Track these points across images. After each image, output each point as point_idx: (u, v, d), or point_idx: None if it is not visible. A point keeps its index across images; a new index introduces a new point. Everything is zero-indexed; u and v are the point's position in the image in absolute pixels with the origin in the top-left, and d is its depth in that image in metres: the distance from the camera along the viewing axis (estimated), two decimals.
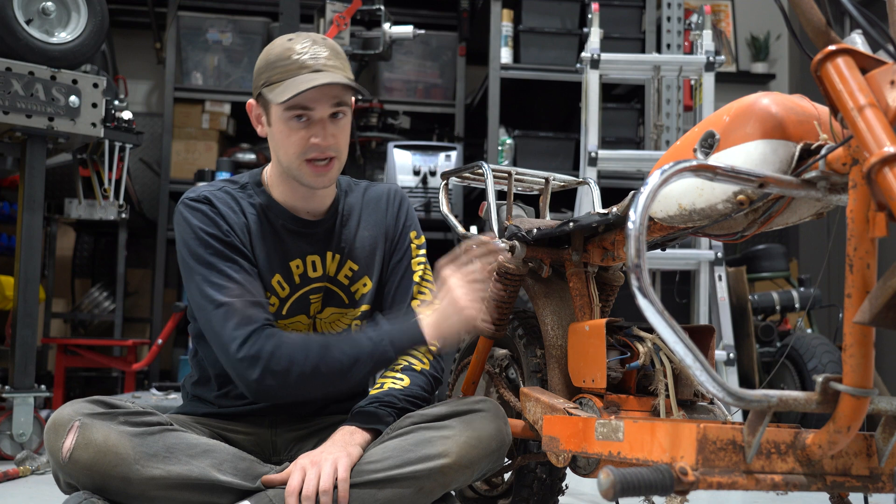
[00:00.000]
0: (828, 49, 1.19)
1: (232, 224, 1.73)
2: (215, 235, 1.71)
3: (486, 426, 1.64)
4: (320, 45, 1.70)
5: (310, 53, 1.68)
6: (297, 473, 1.57)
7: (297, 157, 1.69)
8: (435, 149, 4.59)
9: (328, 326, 1.83)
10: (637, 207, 1.16)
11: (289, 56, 1.67)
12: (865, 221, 1.13)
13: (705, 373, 1.13)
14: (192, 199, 1.74)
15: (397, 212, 1.90)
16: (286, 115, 1.67)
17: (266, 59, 1.71)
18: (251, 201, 1.78)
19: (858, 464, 1.23)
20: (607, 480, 1.06)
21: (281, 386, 1.60)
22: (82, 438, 1.53)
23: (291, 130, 1.68)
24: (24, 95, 2.95)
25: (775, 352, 4.04)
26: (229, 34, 5.31)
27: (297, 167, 1.70)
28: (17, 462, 2.75)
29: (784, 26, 5.83)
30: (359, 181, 1.93)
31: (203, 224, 1.71)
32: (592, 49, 3.75)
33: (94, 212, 4.20)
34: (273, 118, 1.70)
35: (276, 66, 1.68)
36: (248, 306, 1.65)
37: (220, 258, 1.69)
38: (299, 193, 1.78)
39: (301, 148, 1.68)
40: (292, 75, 1.66)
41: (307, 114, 1.67)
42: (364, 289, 1.85)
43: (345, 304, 1.83)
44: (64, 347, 4.45)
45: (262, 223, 1.77)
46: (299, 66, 1.66)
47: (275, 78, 1.67)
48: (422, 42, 5.26)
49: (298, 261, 1.79)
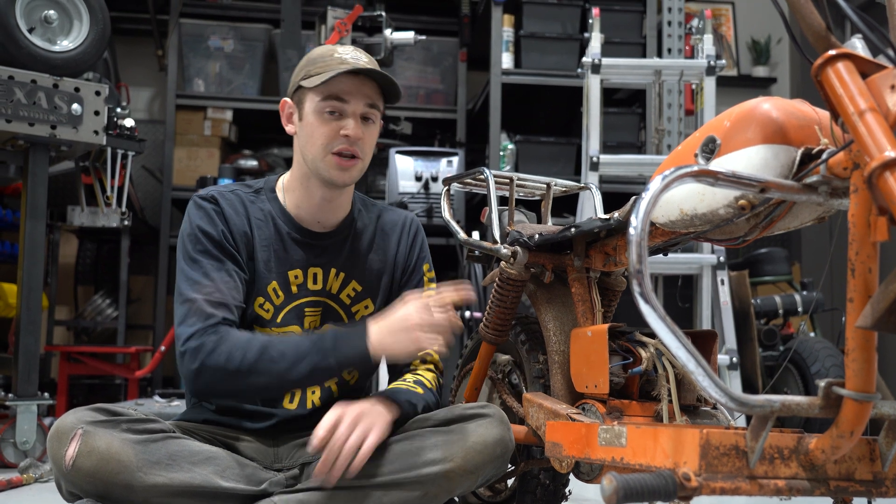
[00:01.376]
0: (828, 53, 1.19)
1: (231, 225, 1.76)
2: (209, 234, 1.74)
3: (491, 432, 1.64)
4: (361, 52, 1.79)
5: (351, 55, 1.76)
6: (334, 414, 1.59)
7: (323, 148, 1.74)
8: (437, 154, 4.59)
9: None
10: (639, 213, 1.16)
11: (331, 54, 1.76)
12: (867, 225, 1.13)
13: (708, 378, 1.13)
14: (200, 197, 1.79)
15: (412, 242, 1.93)
16: (320, 107, 1.73)
17: (308, 58, 1.78)
18: (261, 206, 1.81)
19: (862, 468, 1.23)
20: (610, 486, 1.06)
21: (216, 381, 1.62)
22: (85, 446, 1.53)
23: (323, 122, 1.74)
24: (26, 104, 2.95)
25: (778, 356, 4.03)
26: (231, 41, 5.32)
27: (322, 158, 1.74)
28: (21, 470, 2.75)
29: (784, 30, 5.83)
30: (374, 202, 1.95)
31: (201, 221, 1.75)
32: (593, 54, 3.76)
33: (96, 219, 4.20)
34: (306, 111, 1.76)
35: (316, 62, 1.76)
36: (211, 305, 1.67)
37: (206, 256, 1.72)
38: (315, 199, 1.79)
39: (330, 139, 1.73)
40: (332, 68, 1.72)
41: (341, 107, 1.73)
42: (365, 311, 1.85)
43: (343, 324, 1.83)
44: (67, 355, 4.45)
45: (268, 229, 1.79)
46: (339, 61, 1.74)
47: (314, 71, 1.74)
48: (423, 48, 5.26)
49: (298, 271, 1.80)
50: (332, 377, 1.69)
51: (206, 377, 1.62)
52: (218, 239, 1.73)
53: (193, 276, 1.70)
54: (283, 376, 1.61)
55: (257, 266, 1.77)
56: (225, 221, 1.76)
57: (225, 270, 1.72)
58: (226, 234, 1.74)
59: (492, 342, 1.99)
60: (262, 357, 1.61)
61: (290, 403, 1.81)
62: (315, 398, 1.83)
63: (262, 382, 1.61)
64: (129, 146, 3.56)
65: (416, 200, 4.44)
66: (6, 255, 4.31)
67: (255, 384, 1.62)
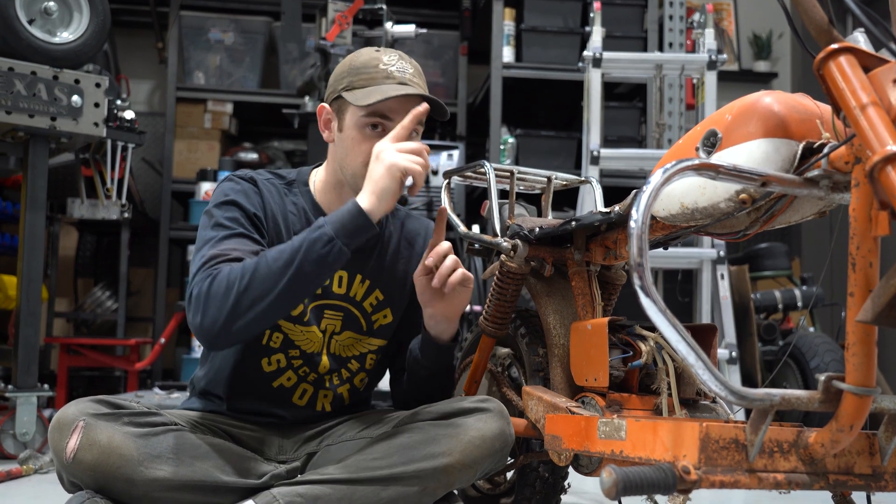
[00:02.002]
0: (830, 48, 1.18)
1: (267, 207, 1.71)
2: (242, 207, 1.68)
3: (490, 426, 1.64)
4: (407, 61, 1.71)
5: (397, 66, 1.68)
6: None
7: (363, 166, 1.65)
8: (437, 148, 4.59)
9: (341, 349, 1.81)
10: (639, 206, 1.16)
11: (376, 65, 1.67)
12: (868, 220, 1.13)
13: (707, 371, 1.13)
14: (238, 175, 1.74)
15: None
16: (362, 122, 1.67)
17: (350, 65, 1.70)
18: (295, 200, 1.77)
19: (861, 462, 1.23)
20: (610, 479, 1.06)
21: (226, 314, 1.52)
22: (86, 439, 1.53)
23: (365, 138, 1.67)
24: (26, 95, 2.95)
25: (778, 350, 4.03)
26: (231, 34, 5.31)
27: (362, 175, 1.64)
28: (21, 461, 2.75)
29: (786, 24, 5.82)
30: (399, 207, 1.90)
31: (236, 196, 1.69)
32: (594, 48, 3.75)
33: (96, 211, 4.20)
34: (347, 123, 1.69)
35: (360, 71, 1.67)
36: (226, 261, 1.58)
37: (234, 222, 1.65)
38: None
39: (370, 156, 1.63)
40: (378, 83, 1.65)
41: (384, 123, 1.66)
42: (384, 320, 1.84)
43: (362, 331, 1.82)
44: (67, 347, 4.45)
45: (301, 223, 1.75)
46: (385, 75, 1.66)
47: (358, 83, 1.67)
48: (424, 41, 5.26)
49: None
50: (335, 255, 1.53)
51: (212, 314, 1.53)
52: (251, 214, 1.68)
53: (216, 236, 1.62)
54: (286, 267, 1.51)
55: None
56: (262, 202, 1.70)
57: (251, 238, 1.65)
58: (258, 214, 1.69)
59: (491, 335, 1.99)
60: (260, 263, 1.52)
61: (300, 400, 1.80)
62: (326, 403, 1.83)
63: (268, 285, 1.51)
64: (130, 138, 3.56)
65: (417, 194, 4.44)
66: (6, 246, 4.31)
67: (261, 294, 1.51)
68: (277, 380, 1.79)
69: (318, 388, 1.81)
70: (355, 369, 1.83)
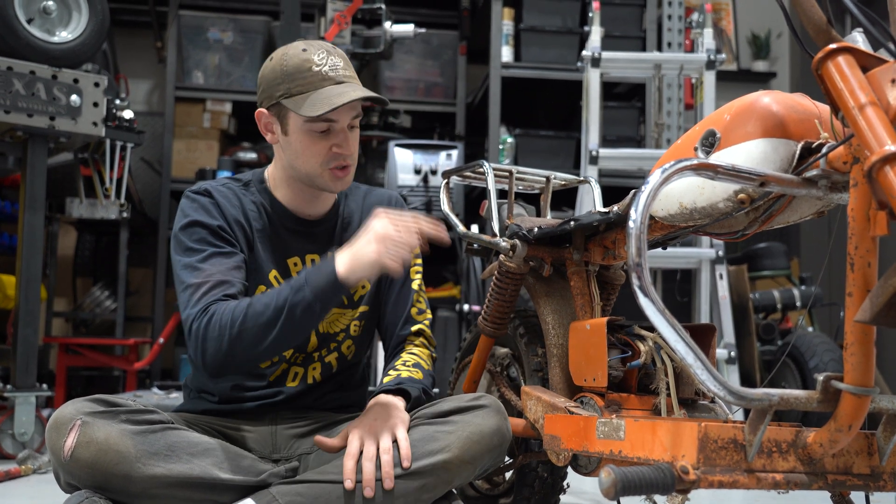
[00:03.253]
0: (829, 47, 1.19)
1: (227, 215, 1.76)
2: (205, 224, 1.73)
3: (488, 422, 1.64)
4: (334, 54, 1.74)
5: (328, 65, 1.71)
6: (355, 441, 1.59)
7: (319, 166, 1.73)
8: (436, 147, 4.59)
9: (328, 326, 1.85)
10: (638, 206, 1.16)
11: (309, 67, 1.70)
12: (866, 220, 1.13)
13: (706, 371, 1.13)
14: (192, 191, 1.78)
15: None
16: (308, 127, 1.70)
17: (282, 70, 1.71)
18: (253, 199, 1.82)
19: (860, 462, 1.23)
20: (608, 479, 1.06)
21: (221, 356, 1.60)
22: (84, 437, 1.53)
23: (313, 141, 1.72)
24: (25, 95, 2.95)
25: (776, 350, 4.03)
26: (230, 33, 5.31)
27: (319, 174, 1.74)
28: (19, 461, 2.75)
29: (785, 24, 5.82)
30: (359, 185, 1.95)
31: (196, 214, 1.74)
32: (593, 47, 3.75)
33: (95, 211, 4.19)
34: (292, 128, 1.73)
35: (295, 77, 1.70)
36: (212, 287, 1.65)
37: (203, 244, 1.71)
38: (303, 196, 1.82)
39: (324, 157, 1.72)
40: (316, 87, 1.69)
41: (329, 125, 1.70)
42: (363, 290, 1.88)
43: (344, 305, 1.86)
44: (65, 346, 4.45)
45: (263, 220, 1.80)
46: (321, 77, 1.69)
47: (296, 90, 1.69)
48: (422, 41, 5.26)
49: (297, 258, 1.82)
50: (317, 315, 1.60)
51: (210, 356, 1.60)
52: (215, 228, 1.73)
53: (192, 262, 1.69)
54: (272, 325, 1.58)
55: (257, 255, 1.78)
56: (221, 213, 1.75)
57: (223, 254, 1.71)
58: (222, 226, 1.74)
59: (490, 335, 1.99)
60: (248, 314, 1.59)
61: (292, 381, 1.83)
62: (316, 374, 1.85)
63: (258, 338, 1.59)
64: (128, 138, 3.56)
65: (416, 193, 4.44)
66: (5, 246, 4.30)
67: (252, 343, 1.59)
68: (273, 374, 1.82)
69: (306, 366, 1.84)
70: (342, 339, 1.87)
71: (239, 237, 1.76)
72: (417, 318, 1.90)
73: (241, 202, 1.79)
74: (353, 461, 1.57)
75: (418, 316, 1.90)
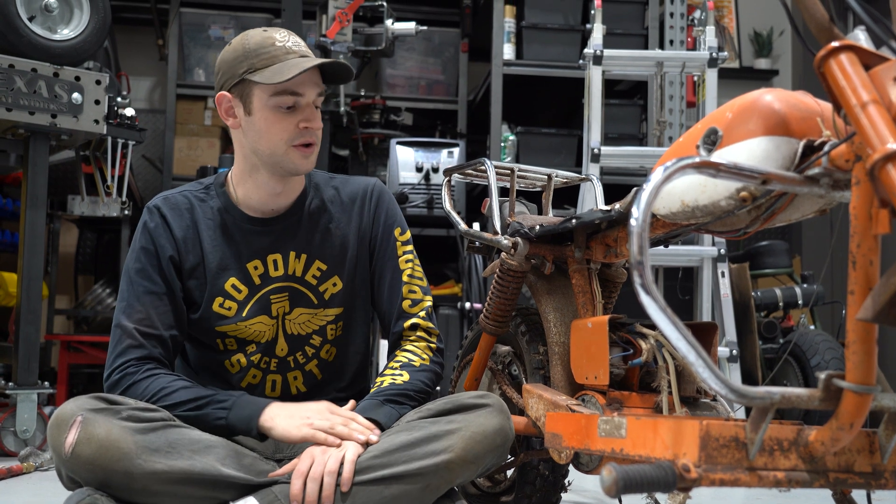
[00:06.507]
0: (831, 45, 1.18)
1: (176, 236, 1.77)
2: (147, 250, 1.76)
3: (491, 421, 1.64)
4: (295, 35, 1.76)
5: (291, 41, 1.73)
6: (306, 458, 1.59)
7: (285, 144, 1.72)
8: (437, 145, 4.59)
9: (298, 328, 1.83)
10: (640, 204, 1.16)
11: (272, 43, 1.71)
12: (868, 218, 1.13)
13: (708, 370, 1.13)
14: (149, 206, 1.81)
15: (375, 210, 1.88)
16: (273, 102, 1.70)
17: (245, 48, 1.72)
18: (210, 204, 1.81)
19: (861, 460, 1.23)
20: (610, 477, 1.06)
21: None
22: (84, 433, 1.53)
23: (279, 117, 1.71)
24: (26, 92, 2.95)
25: (778, 348, 4.03)
26: (232, 31, 5.30)
27: (284, 153, 1.72)
28: (21, 458, 2.76)
29: (787, 22, 5.82)
30: (335, 175, 1.92)
31: (142, 237, 1.78)
32: (595, 45, 3.75)
33: (96, 208, 4.20)
34: (256, 106, 1.72)
35: (259, 52, 1.70)
36: (141, 335, 1.71)
37: (142, 276, 1.75)
38: (266, 189, 1.79)
39: (290, 133, 1.71)
40: (282, 59, 1.69)
41: (296, 100, 1.70)
42: (334, 289, 1.84)
43: (314, 305, 1.83)
44: (67, 344, 4.45)
45: (218, 226, 1.79)
46: (285, 51, 1.71)
47: (260, 64, 1.69)
48: (424, 38, 5.25)
49: (257, 261, 1.80)
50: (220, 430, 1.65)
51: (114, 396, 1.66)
52: (154, 258, 1.76)
53: (129, 298, 1.74)
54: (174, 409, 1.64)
55: (208, 267, 1.78)
56: (169, 235, 1.76)
57: (156, 295, 1.74)
58: (163, 257, 1.76)
59: (492, 333, 1.99)
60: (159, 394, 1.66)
61: (272, 392, 1.83)
62: (298, 383, 1.85)
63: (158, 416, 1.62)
64: (130, 135, 3.56)
65: (417, 191, 4.44)
66: (6, 244, 4.31)
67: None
68: (244, 379, 1.83)
69: (284, 373, 1.84)
70: (318, 343, 1.85)
71: (184, 262, 1.77)
72: (410, 312, 1.86)
73: (193, 214, 1.79)
74: (301, 480, 1.57)
75: (411, 309, 1.86)
